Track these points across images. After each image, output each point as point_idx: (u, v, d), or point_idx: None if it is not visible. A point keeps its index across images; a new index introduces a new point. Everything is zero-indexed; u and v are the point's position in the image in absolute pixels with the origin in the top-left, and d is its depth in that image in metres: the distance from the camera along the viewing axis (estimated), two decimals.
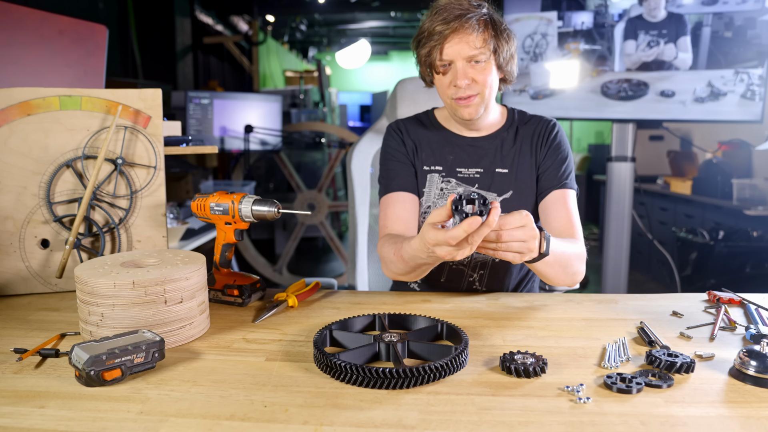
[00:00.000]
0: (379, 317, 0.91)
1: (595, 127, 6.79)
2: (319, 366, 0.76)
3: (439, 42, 1.13)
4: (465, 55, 1.12)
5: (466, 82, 1.13)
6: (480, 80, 1.15)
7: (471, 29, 1.11)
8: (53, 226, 1.13)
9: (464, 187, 1.24)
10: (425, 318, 0.90)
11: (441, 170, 1.25)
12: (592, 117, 2.66)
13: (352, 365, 0.71)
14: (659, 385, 0.70)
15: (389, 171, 1.27)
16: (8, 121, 1.09)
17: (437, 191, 1.24)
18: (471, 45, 1.12)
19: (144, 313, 0.83)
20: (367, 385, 0.70)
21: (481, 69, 1.14)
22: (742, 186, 3.26)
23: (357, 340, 0.83)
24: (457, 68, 1.14)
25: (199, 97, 3.71)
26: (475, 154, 1.25)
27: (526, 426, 0.62)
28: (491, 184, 1.23)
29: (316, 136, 4.55)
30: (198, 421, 0.62)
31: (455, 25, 1.11)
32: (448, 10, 1.12)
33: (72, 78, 1.57)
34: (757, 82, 2.37)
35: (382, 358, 0.79)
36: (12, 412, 0.64)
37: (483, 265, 1.25)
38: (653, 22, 2.46)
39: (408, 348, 0.80)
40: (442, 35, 1.12)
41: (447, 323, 0.88)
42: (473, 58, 1.13)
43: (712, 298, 1.08)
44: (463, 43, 1.12)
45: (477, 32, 1.12)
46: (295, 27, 7.38)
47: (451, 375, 0.74)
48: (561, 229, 1.18)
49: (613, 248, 2.73)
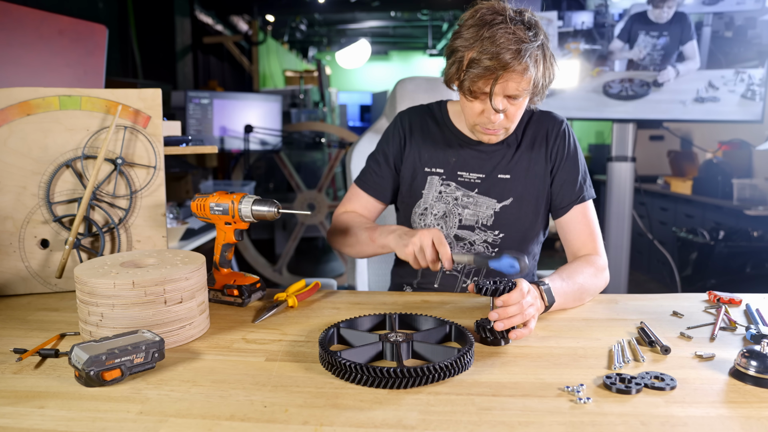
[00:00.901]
0: (389, 317, 0.92)
1: (595, 126, 6.78)
2: (322, 362, 0.76)
3: (484, 76, 1.02)
4: (509, 93, 1.05)
5: (501, 117, 1.08)
6: (513, 116, 1.10)
7: (523, 70, 1.02)
8: (53, 226, 1.13)
9: (463, 191, 1.20)
10: (434, 319, 0.90)
11: (442, 173, 1.22)
12: (593, 117, 2.66)
13: (353, 363, 0.71)
14: (662, 388, 0.69)
15: (371, 165, 1.29)
16: (8, 121, 1.09)
17: (436, 194, 1.22)
18: (517, 87, 1.04)
19: (144, 314, 0.83)
20: (366, 384, 0.70)
21: (518, 105, 1.08)
22: (743, 186, 3.26)
23: (363, 339, 0.84)
24: (495, 103, 1.06)
25: (199, 97, 3.71)
26: (480, 158, 1.21)
27: (526, 426, 0.61)
28: (491, 189, 1.20)
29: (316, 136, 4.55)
30: (198, 422, 0.62)
31: (513, 64, 1.00)
32: (504, 40, 1.00)
33: (72, 78, 1.57)
34: (758, 82, 2.37)
35: (386, 358, 0.79)
36: (11, 413, 0.64)
37: (477, 271, 1.22)
38: (657, 23, 2.45)
39: (412, 348, 0.80)
40: (489, 70, 1.01)
41: (456, 324, 0.87)
42: (515, 96, 1.06)
43: (712, 298, 1.08)
44: (510, 83, 1.03)
45: (528, 72, 1.02)
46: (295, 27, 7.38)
47: (452, 377, 0.74)
48: (580, 246, 1.16)
49: (613, 248, 2.73)
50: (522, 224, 1.20)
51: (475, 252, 0.95)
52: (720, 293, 1.07)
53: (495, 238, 1.20)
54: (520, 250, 1.22)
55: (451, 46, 1.09)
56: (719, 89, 2.42)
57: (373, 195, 1.27)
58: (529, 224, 1.21)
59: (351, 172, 1.68)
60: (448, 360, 0.73)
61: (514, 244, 1.21)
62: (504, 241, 1.20)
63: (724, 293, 1.07)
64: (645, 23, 2.47)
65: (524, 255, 1.01)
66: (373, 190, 1.27)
